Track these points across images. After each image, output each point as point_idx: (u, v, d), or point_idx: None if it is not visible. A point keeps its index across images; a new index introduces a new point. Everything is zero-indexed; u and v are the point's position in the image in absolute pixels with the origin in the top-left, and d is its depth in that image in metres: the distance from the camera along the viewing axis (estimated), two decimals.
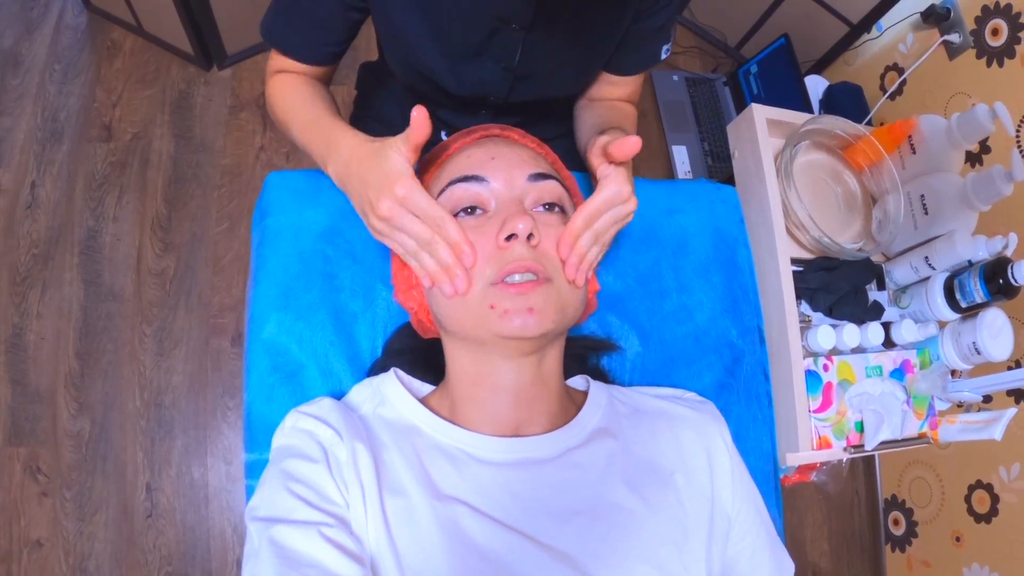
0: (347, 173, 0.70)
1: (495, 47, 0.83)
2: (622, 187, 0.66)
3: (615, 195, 0.66)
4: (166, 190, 1.93)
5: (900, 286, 1.13)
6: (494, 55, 0.84)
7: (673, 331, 0.92)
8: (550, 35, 0.82)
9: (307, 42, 0.84)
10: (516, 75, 0.87)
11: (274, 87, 0.86)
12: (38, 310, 1.78)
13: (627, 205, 0.67)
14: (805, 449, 0.95)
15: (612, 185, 0.66)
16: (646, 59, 0.94)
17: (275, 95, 0.86)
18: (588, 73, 0.94)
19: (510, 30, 0.81)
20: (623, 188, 0.66)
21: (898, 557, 1.93)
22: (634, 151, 0.66)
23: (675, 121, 2.24)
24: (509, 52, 0.84)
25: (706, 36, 2.42)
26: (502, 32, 0.81)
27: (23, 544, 1.63)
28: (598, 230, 0.66)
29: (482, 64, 0.85)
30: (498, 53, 0.84)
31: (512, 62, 0.85)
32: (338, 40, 0.85)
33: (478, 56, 0.84)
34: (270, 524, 0.57)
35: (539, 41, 0.83)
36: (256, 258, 0.83)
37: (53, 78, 1.99)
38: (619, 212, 0.67)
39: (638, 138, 0.66)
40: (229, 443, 1.76)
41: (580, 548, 0.61)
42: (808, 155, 1.15)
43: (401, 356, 0.79)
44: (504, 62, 0.85)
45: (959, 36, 1.60)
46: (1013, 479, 1.54)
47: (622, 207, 0.67)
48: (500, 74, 0.87)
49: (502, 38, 0.82)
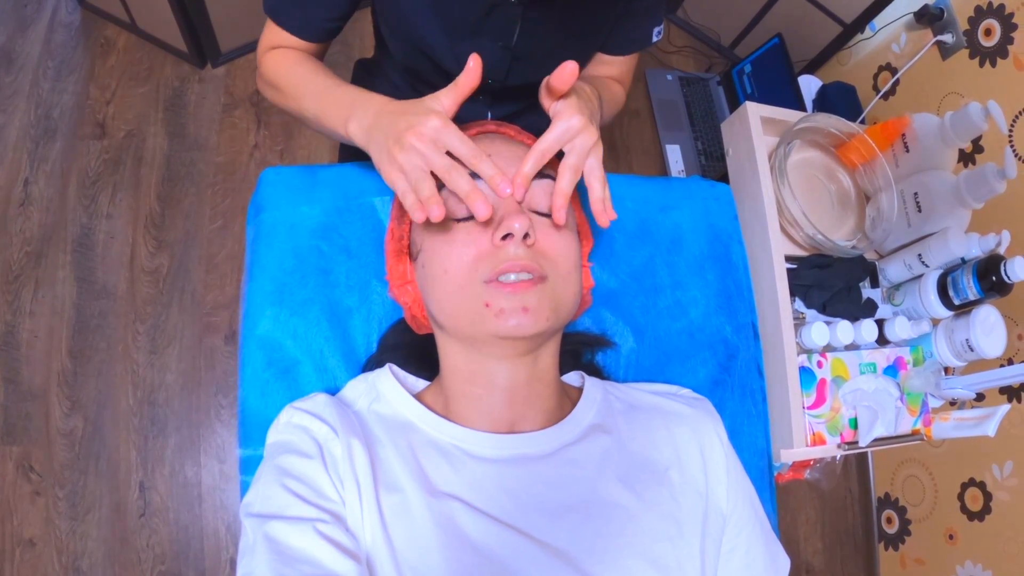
0: (376, 122, 0.68)
1: (494, 24, 0.83)
2: (571, 120, 0.64)
3: (564, 130, 0.64)
4: (160, 188, 1.92)
5: (893, 283, 1.13)
6: (492, 33, 0.84)
7: (668, 327, 0.92)
8: (548, 12, 0.83)
9: (308, 17, 0.83)
10: (514, 55, 0.87)
11: (273, 60, 0.85)
12: (31, 308, 1.77)
13: (582, 136, 0.65)
14: (799, 445, 0.95)
15: (560, 120, 0.64)
16: (637, 40, 0.94)
17: (275, 68, 0.84)
18: (584, 53, 0.94)
19: (509, 6, 0.81)
20: (572, 121, 0.64)
21: (891, 555, 1.94)
22: (573, 77, 0.63)
23: (669, 120, 2.25)
24: (507, 30, 0.84)
25: (700, 36, 2.42)
26: (501, 7, 0.81)
27: (15, 543, 1.62)
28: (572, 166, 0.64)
29: (480, 43, 0.85)
30: (496, 31, 0.84)
31: (510, 41, 0.85)
32: (338, 15, 0.84)
33: (477, 34, 0.84)
34: (265, 520, 0.57)
35: (537, 18, 0.83)
36: (251, 254, 0.83)
37: (46, 75, 1.99)
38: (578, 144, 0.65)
39: (574, 62, 0.63)
40: (222, 441, 1.75)
41: (575, 544, 0.61)
42: (802, 153, 1.15)
43: (396, 352, 0.79)
44: (502, 40, 0.85)
45: (952, 36, 1.61)
46: (1006, 477, 1.55)
47: (579, 138, 0.65)
48: (498, 53, 0.87)
49: (501, 14, 0.82)
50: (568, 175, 0.64)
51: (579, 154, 0.65)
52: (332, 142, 2.01)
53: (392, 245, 0.75)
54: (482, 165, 0.61)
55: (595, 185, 0.65)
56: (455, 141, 0.61)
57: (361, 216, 0.85)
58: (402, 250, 0.73)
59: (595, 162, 0.65)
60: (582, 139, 0.65)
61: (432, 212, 0.59)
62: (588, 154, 0.65)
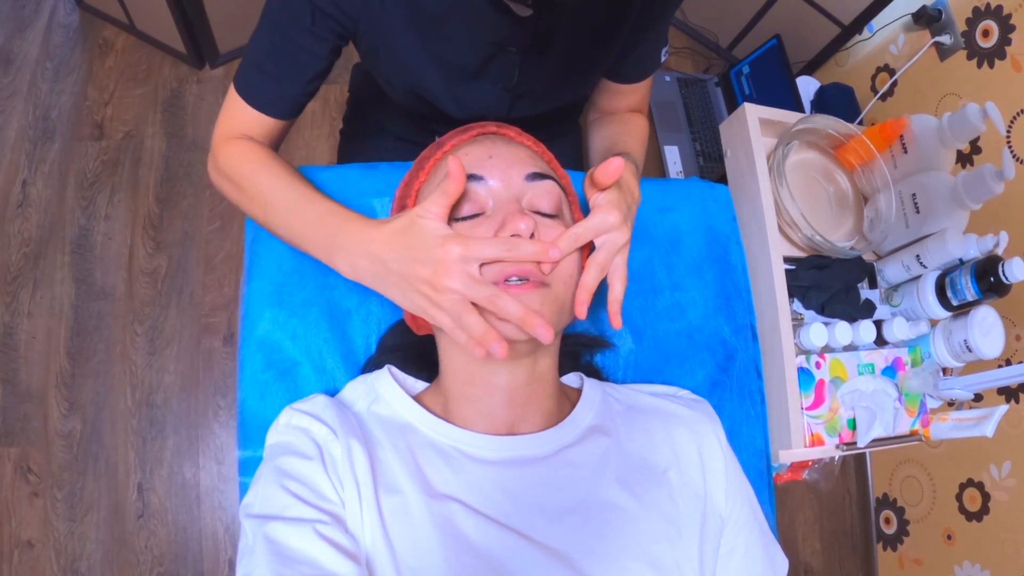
0: (383, 269, 0.64)
1: (493, 70, 0.83)
2: (608, 216, 0.65)
3: (600, 224, 0.65)
4: (158, 189, 1.92)
5: (892, 284, 1.13)
6: (492, 77, 0.84)
7: (666, 328, 0.93)
8: (547, 56, 0.82)
9: (282, 94, 0.79)
10: (515, 95, 0.87)
11: (233, 154, 0.77)
12: (29, 309, 1.77)
13: (615, 234, 0.66)
14: (798, 446, 0.95)
15: (599, 213, 0.66)
16: (649, 65, 0.94)
17: (237, 165, 0.76)
18: (585, 87, 0.95)
19: (507, 54, 0.81)
20: (608, 217, 0.65)
21: (889, 556, 1.94)
22: (617, 173, 0.66)
23: (667, 122, 2.24)
24: (507, 74, 0.84)
25: (698, 37, 2.42)
26: (500, 56, 0.81)
27: (14, 545, 1.62)
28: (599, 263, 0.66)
29: (480, 86, 0.85)
30: (496, 76, 0.84)
31: (511, 83, 0.85)
32: (313, 89, 0.80)
33: (476, 79, 0.84)
34: (265, 521, 0.57)
35: (536, 62, 0.83)
36: (250, 255, 0.83)
37: (45, 76, 1.99)
38: (610, 242, 0.66)
39: (620, 159, 0.66)
40: (221, 443, 1.75)
41: (573, 546, 0.61)
42: (800, 154, 1.15)
43: (395, 353, 0.79)
44: (502, 83, 0.85)
45: (950, 37, 1.61)
46: (1004, 477, 1.55)
47: (612, 235, 0.66)
48: (499, 95, 0.87)
49: (500, 61, 0.82)
50: (594, 271, 0.65)
51: (608, 252, 0.66)
52: (332, 144, 2.01)
53: None
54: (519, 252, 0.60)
55: (616, 286, 0.67)
56: (482, 252, 0.59)
57: None
58: None
59: (621, 261, 0.67)
60: (614, 237, 0.66)
61: (494, 349, 0.58)
62: (616, 253, 0.67)
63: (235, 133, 0.79)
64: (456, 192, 0.61)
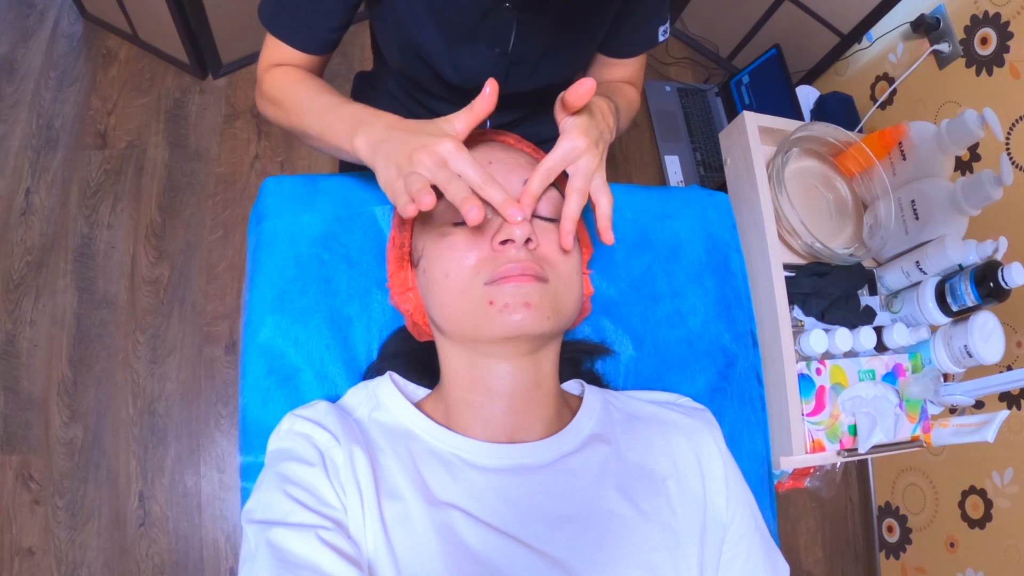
0: (387, 136, 0.66)
1: (489, 28, 0.84)
2: (575, 140, 0.65)
3: (569, 150, 0.65)
4: (160, 198, 1.93)
5: (892, 291, 1.13)
6: (489, 38, 0.85)
7: (667, 335, 0.93)
8: (542, 15, 0.83)
9: (308, 29, 0.82)
10: (511, 60, 0.88)
11: (275, 78, 0.83)
12: (31, 317, 1.78)
13: (585, 158, 0.65)
14: (799, 452, 0.95)
15: (566, 140, 0.65)
16: (643, 40, 0.94)
17: (278, 85, 0.82)
18: (580, 57, 0.95)
19: (503, 9, 0.82)
20: (576, 141, 0.65)
21: (892, 564, 1.93)
22: (589, 94, 0.64)
23: (667, 131, 2.25)
24: (503, 34, 0.85)
25: (698, 47, 2.44)
26: (495, 11, 0.82)
27: (14, 552, 1.62)
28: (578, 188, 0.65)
29: (477, 49, 0.86)
30: (492, 36, 0.85)
31: (507, 46, 0.86)
32: (337, 25, 0.83)
33: (473, 40, 0.85)
34: (267, 527, 0.57)
35: (532, 21, 0.84)
36: (252, 262, 0.83)
37: (48, 85, 2.00)
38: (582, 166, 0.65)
39: (592, 80, 0.64)
40: (222, 451, 1.75)
41: (573, 554, 0.61)
42: (799, 162, 1.16)
43: (396, 359, 0.79)
44: (499, 46, 0.86)
45: (949, 46, 1.62)
46: (1006, 484, 1.54)
47: (582, 160, 0.65)
48: (495, 59, 0.87)
49: (495, 18, 0.83)
50: (575, 198, 0.65)
51: (583, 176, 0.65)
52: None
53: (393, 252, 0.75)
54: (492, 191, 0.61)
55: (603, 201, 0.66)
56: (466, 166, 0.61)
57: (362, 225, 0.86)
58: (403, 257, 0.74)
59: (600, 182, 0.66)
60: (585, 161, 0.65)
61: (422, 201, 0.57)
62: (592, 176, 0.66)
63: (275, 62, 0.85)
64: (484, 111, 0.63)
